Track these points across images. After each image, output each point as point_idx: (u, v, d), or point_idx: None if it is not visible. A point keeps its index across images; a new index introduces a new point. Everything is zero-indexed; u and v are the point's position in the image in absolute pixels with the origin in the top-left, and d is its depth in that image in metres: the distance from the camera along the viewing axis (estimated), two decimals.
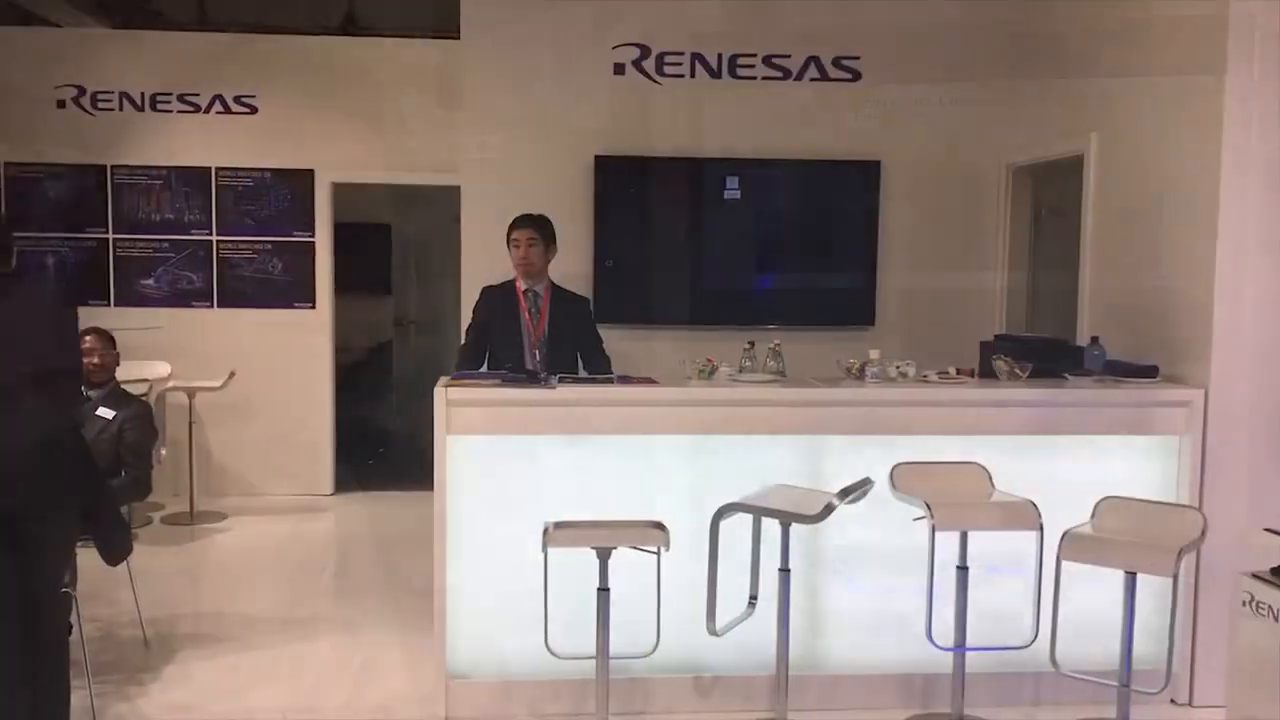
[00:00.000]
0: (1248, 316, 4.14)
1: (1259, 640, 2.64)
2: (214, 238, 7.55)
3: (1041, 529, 3.77)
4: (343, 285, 7.87)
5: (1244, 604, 2.69)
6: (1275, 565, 2.67)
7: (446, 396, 3.95)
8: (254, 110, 7.49)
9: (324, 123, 7.51)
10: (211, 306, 7.58)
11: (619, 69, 5.89)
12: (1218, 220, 4.11)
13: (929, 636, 3.82)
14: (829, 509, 3.62)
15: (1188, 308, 4.28)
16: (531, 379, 4.15)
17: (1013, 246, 5.92)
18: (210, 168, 7.51)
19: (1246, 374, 4.15)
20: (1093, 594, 3.94)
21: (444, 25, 6.34)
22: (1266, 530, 2.76)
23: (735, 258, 6.02)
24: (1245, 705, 2.73)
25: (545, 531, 3.53)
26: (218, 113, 7.48)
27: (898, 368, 4.30)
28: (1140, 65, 4.66)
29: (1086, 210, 5.01)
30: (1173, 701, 4.24)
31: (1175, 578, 3.54)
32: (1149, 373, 4.34)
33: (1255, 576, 2.70)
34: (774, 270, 6.06)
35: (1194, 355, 4.23)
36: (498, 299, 5.01)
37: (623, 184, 5.93)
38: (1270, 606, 2.60)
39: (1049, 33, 5.49)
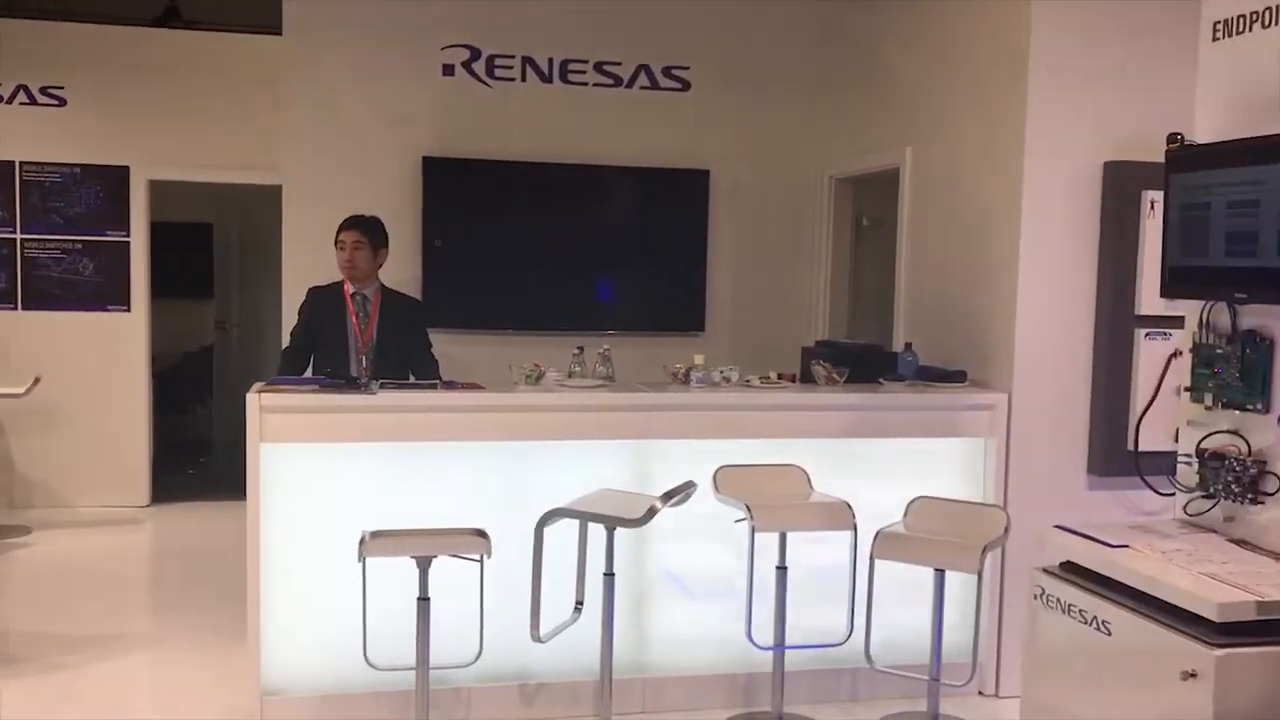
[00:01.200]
0: (1048, 324, 4.36)
1: (1050, 632, 2.78)
2: (18, 236, 7.14)
3: (855, 529, 3.88)
4: (160, 287, 7.55)
5: (1036, 597, 2.82)
6: (1064, 560, 2.81)
7: (260, 403, 3.82)
8: (62, 102, 7.11)
9: (140, 117, 7.19)
10: (15, 309, 7.16)
11: (448, 70, 5.82)
12: (1020, 233, 4.32)
13: (749, 636, 3.90)
14: (652, 512, 3.64)
15: (993, 316, 4.48)
16: (351, 384, 4.06)
17: (835, 255, 6.10)
18: (14, 162, 7.09)
19: (1046, 379, 4.38)
20: (906, 591, 4.09)
21: (267, 20, 6.16)
22: (1057, 528, 2.90)
23: (566, 263, 6.02)
24: (1038, 694, 2.87)
25: (362, 541, 3.45)
26: (22, 104, 7.08)
27: (721, 373, 4.37)
28: (950, 83, 4.87)
29: (902, 221, 5.21)
30: (980, 693, 4.44)
31: (980, 574, 3.71)
32: (958, 378, 4.53)
33: (1046, 571, 2.84)
34: (605, 276, 6.09)
35: (998, 361, 4.44)
36: (324, 301, 4.88)
37: (452, 187, 5.86)
38: (1059, 599, 2.74)
39: (867, 50, 5.68)
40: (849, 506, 3.90)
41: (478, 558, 3.53)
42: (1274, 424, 2.64)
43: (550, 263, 5.99)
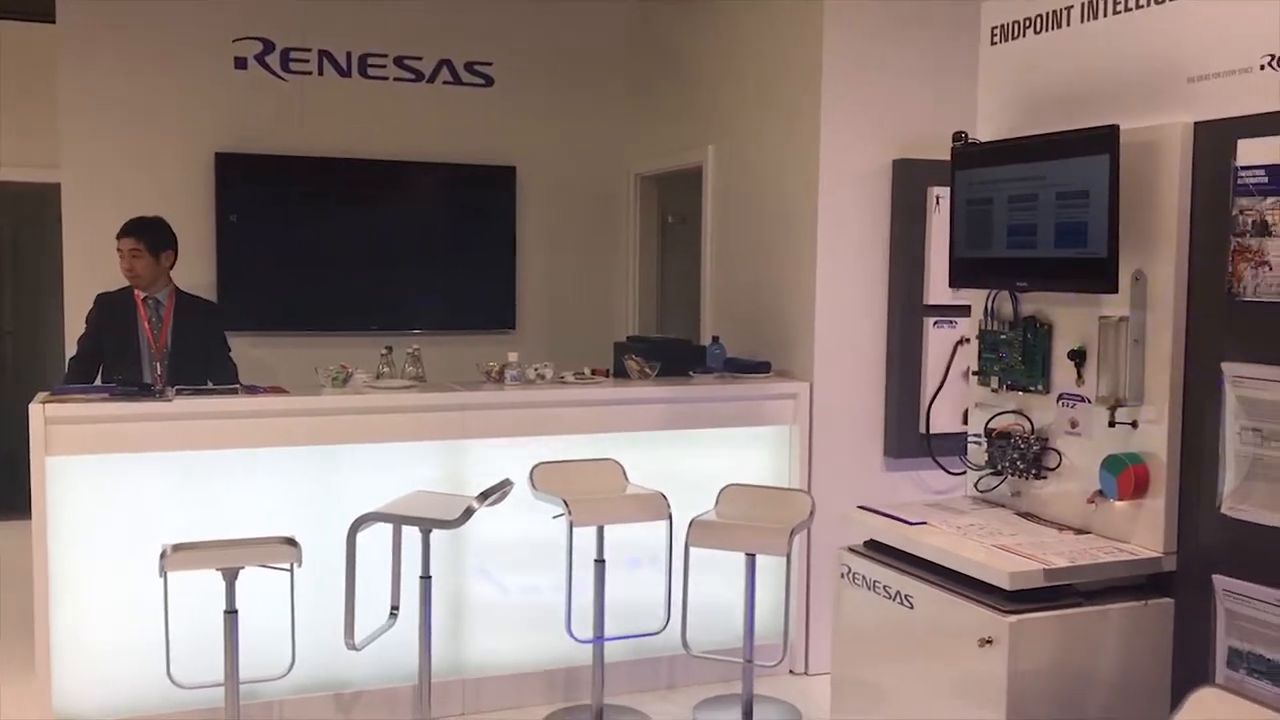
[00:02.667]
0: (845, 316, 4.55)
1: (856, 608, 2.91)
2: None
3: (671, 519, 3.95)
4: None
5: (842, 576, 2.95)
6: (868, 539, 2.95)
7: (44, 414, 3.59)
8: None
9: None
10: None
11: (240, 63, 5.60)
12: (816, 229, 4.49)
13: (568, 630, 3.91)
14: (468, 513, 3.61)
15: (794, 309, 4.64)
16: (144, 392, 3.86)
17: (643, 252, 6.19)
18: None
19: (844, 367, 4.56)
20: (721, 576, 4.19)
21: (38, 6, 5.77)
22: (861, 508, 3.04)
23: (371, 262, 5.88)
24: (846, 668, 3.00)
25: (163, 555, 3.29)
26: None
27: (536, 370, 4.37)
28: (749, 83, 5.01)
29: (706, 218, 5.33)
30: (791, 672, 4.59)
31: (788, 557, 3.85)
32: (762, 368, 4.67)
33: (852, 550, 2.97)
34: (412, 274, 5.98)
35: (800, 352, 4.60)
36: (113, 308, 4.63)
37: (248, 184, 5.64)
38: (864, 576, 2.87)
39: (671, 48, 5.78)
40: (664, 497, 3.96)
41: (287, 567, 3.41)
42: (1054, 404, 2.83)
43: (355, 261, 5.85)
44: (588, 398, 4.34)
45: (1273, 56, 2.29)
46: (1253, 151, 2.30)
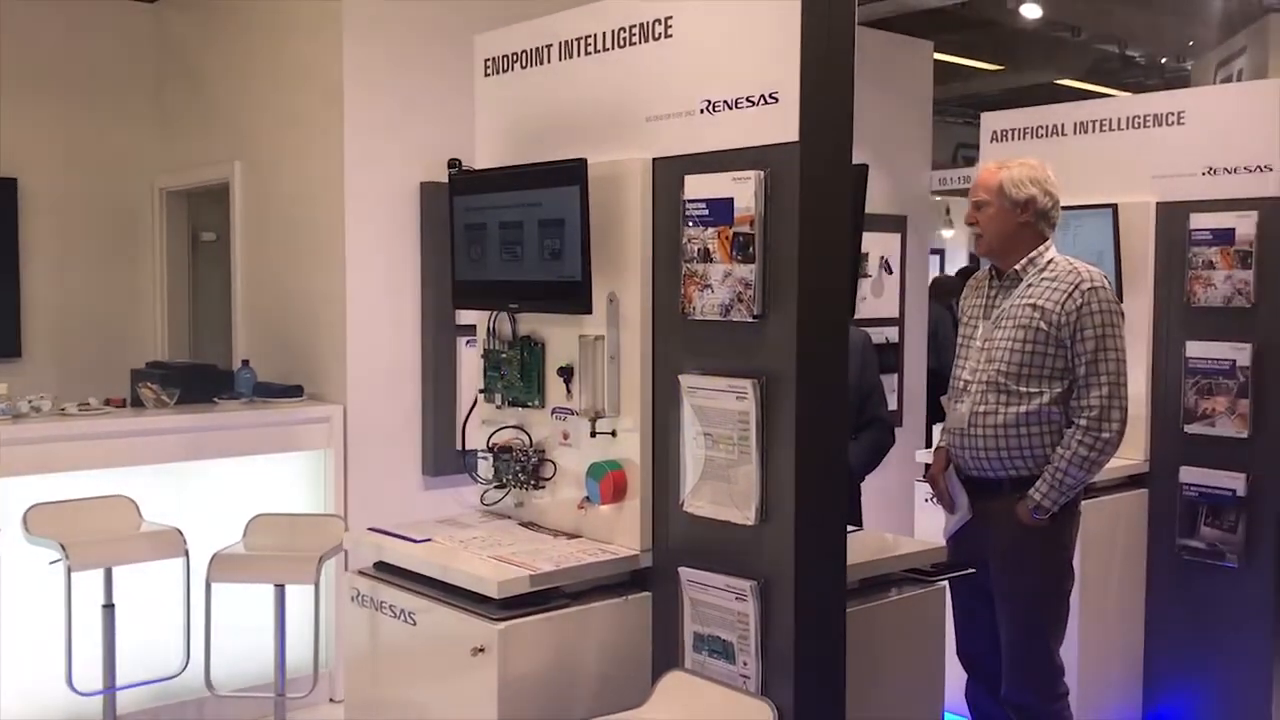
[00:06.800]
0: (378, 337, 4.56)
1: (366, 631, 2.92)
2: None
3: (188, 555, 3.77)
4: None
5: (352, 599, 2.95)
6: (377, 560, 2.96)
7: None
8: None
9: None
10: None
11: None
12: (345, 249, 4.46)
13: (69, 683, 3.61)
14: None
15: (325, 330, 4.59)
16: None
17: (171, 272, 5.85)
18: None
19: (379, 389, 4.57)
20: (252, 609, 4.05)
21: None
22: (370, 530, 3.05)
23: None
24: (359, 691, 2.99)
25: None
26: None
27: (30, 402, 4.00)
28: (274, 99, 4.89)
29: (235, 237, 5.13)
30: (332, 700, 4.52)
31: (316, 584, 3.79)
32: (295, 392, 4.57)
33: (360, 573, 2.97)
34: None
35: (333, 374, 4.56)
36: None
37: None
38: (370, 597, 2.89)
39: (191, 60, 5.51)
40: (180, 533, 3.77)
41: None
42: (549, 417, 3.00)
43: None
44: (95, 430, 4.04)
45: (709, 102, 2.57)
46: (696, 186, 2.57)
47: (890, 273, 6.31)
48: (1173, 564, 4.09)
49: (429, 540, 2.91)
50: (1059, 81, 13.01)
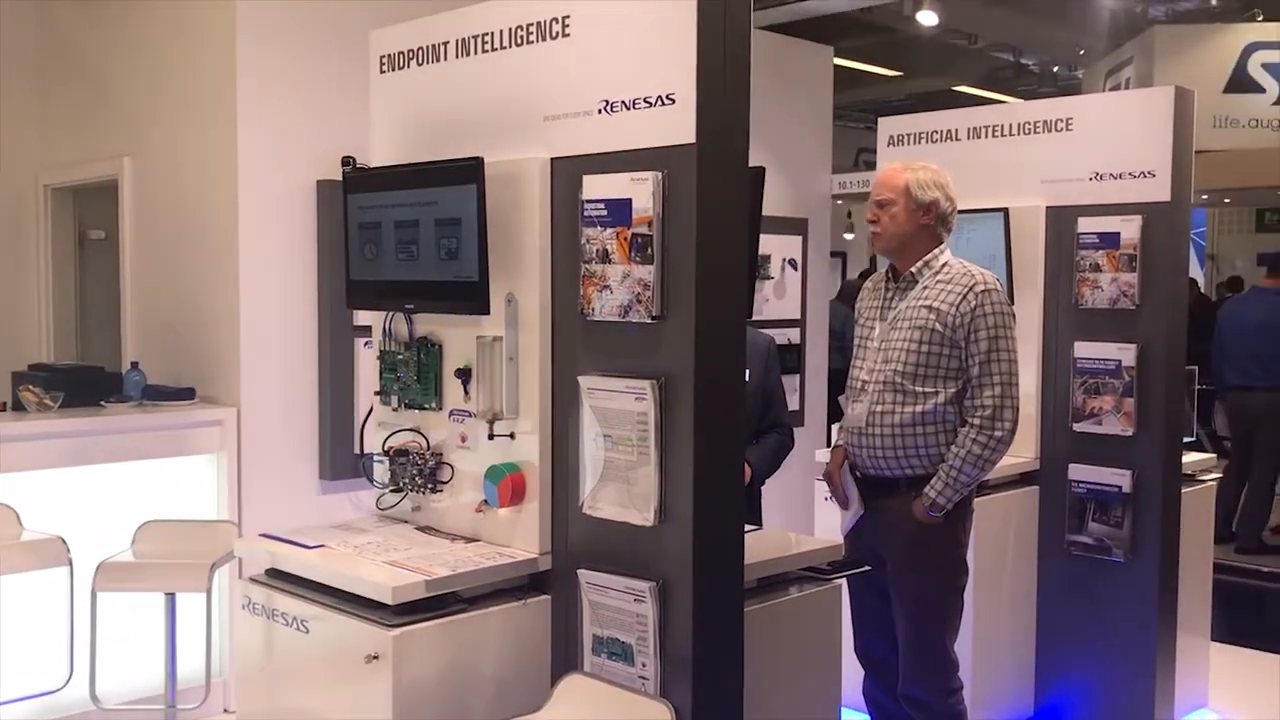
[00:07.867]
0: (273, 337, 4.45)
1: (258, 639, 2.84)
2: None
3: (71, 564, 3.63)
4: None
5: (243, 607, 2.87)
6: (269, 567, 2.89)
7: None
8: None
9: None
10: None
11: None
12: (238, 248, 4.35)
13: None
14: None
15: (218, 331, 4.47)
16: None
17: (56, 271, 5.63)
18: None
19: (275, 391, 4.47)
20: (141, 619, 3.93)
21: None
22: (262, 535, 2.98)
23: None
24: (251, 702, 2.92)
25: None
26: None
27: None
28: (165, 95, 4.75)
29: (124, 235, 4.97)
30: (226, 710, 4.40)
31: (208, 592, 3.69)
32: (186, 395, 4.44)
33: (252, 580, 2.90)
34: None
35: (226, 376, 4.44)
36: None
37: None
38: (263, 605, 2.81)
39: (76, 51, 5.33)
40: (63, 542, 3.63)
41: None
42: (447, 420, 2.96)
43: None
44: None
45: (607, 102, 2.56)
46: (595, 186, 2.56)
47: (797, 270, 6.38)
48: (1063, 559, 4.20)
49: (322, 546, 2.85)
50: (957, 88, 13.34)
